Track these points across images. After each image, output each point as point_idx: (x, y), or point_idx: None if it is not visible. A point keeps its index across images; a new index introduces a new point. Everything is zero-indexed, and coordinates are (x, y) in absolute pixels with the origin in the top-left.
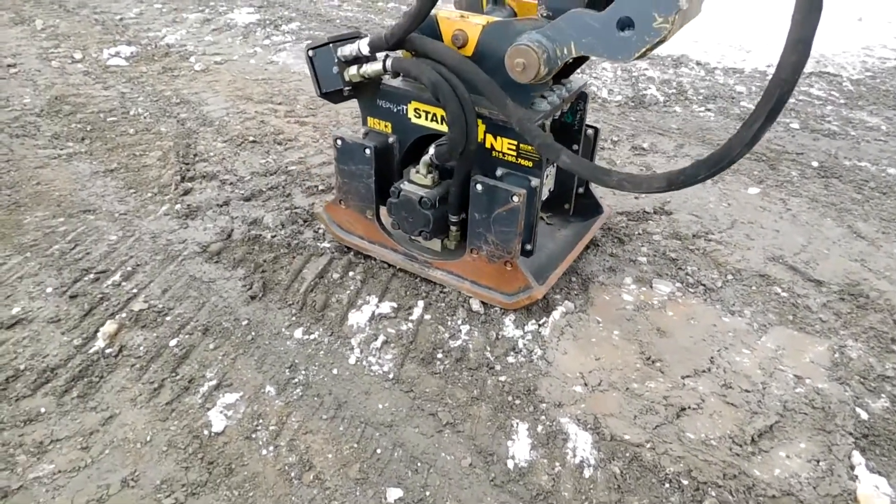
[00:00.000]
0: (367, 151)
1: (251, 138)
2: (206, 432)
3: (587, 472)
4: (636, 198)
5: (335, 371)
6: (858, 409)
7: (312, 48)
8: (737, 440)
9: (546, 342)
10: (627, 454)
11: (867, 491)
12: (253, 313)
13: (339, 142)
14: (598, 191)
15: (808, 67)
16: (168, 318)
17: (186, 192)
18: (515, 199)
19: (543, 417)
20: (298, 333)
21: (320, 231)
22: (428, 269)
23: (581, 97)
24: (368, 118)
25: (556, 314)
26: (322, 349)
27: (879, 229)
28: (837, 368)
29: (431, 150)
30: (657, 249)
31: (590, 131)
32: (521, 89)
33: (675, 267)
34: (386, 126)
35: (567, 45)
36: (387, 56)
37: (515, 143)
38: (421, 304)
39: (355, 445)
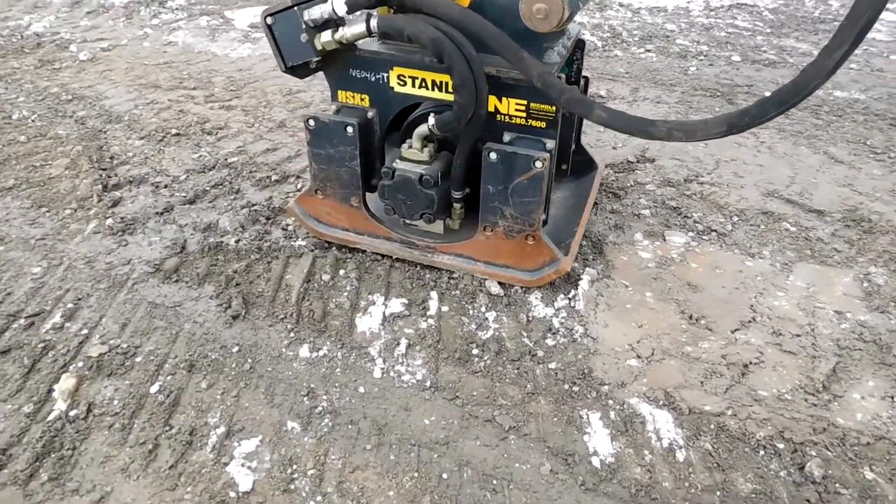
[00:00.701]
0: (350, 129)
1: (173, 131)
2: (231, 494)
3: (680, 455)
4: (614, 148)
5: (361, 389)
6: None
7: (271, 14)
8: (808, 390)
9: (583, 317)
10: (712, 426)
11: None
12: (241, 336)
13: (311, 122)
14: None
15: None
16: (138, 360)
17: (115, 203)
18: (538, 164)
19: (611, 402)
20: (304, 351)
21: (290, 228)
22: (432, 255)
23: (578, 45)
24: (339, 92)
25: (583, 284)
26: (337, 366)
27: (850, 152)
28: (871, 297)
29: (431, 119)
30: (655, 199)
31: (580, 82)
32: (533, 41)
33: (679, 216)
34: (363, 99)
35: None
36: (370, 15)
37: (525, 102)
38: (434, 295)
39: (416, 474)
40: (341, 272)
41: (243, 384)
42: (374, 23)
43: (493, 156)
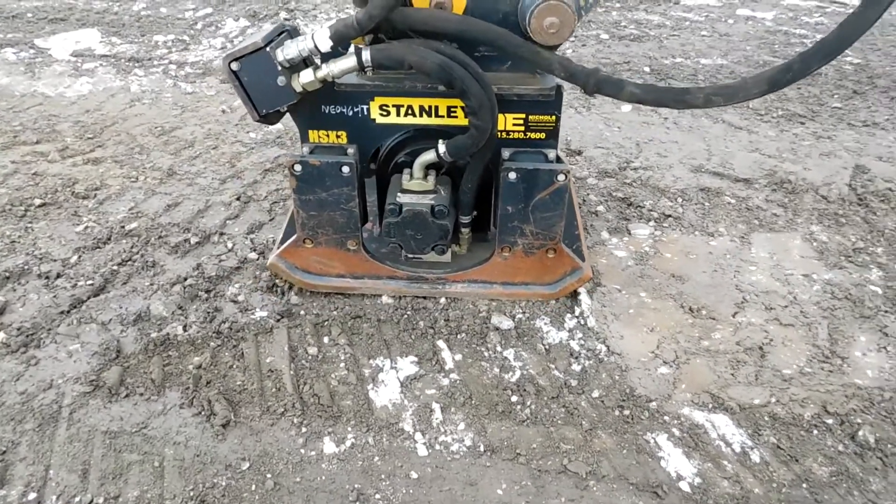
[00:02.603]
0: (346, 170)
1: (36, 201)
2: None
3: (754, 456)
4: None
5: (413, 474)
6: (872, 287)
7: (236, 58)
8: (820, 358)
9: (598, 333)
10: (766, 418)
11: None
12: (242, 447)
13: (298, 168)
14: None
15: None
16: None
17: (1, 311)
18: (561, 177)
19: (667, 418)
20: (328, 447)
21: (241, 298)
22: (444, 286)
23: None
24: (310, 132)
25: (584, 298)
26: (374, 454)
27: (741, 117)
28: (825, 256)
29: (441, 147)
30: (602, 193)
31: None
32: None
33: (632, 206)
34: (339, 136)
35: None
36: (359, 48)
37: (523, 116)
38: (441, 344)
39: None
40: (326, 339)
41: None
42: (367, 55)
43: (512, 175)
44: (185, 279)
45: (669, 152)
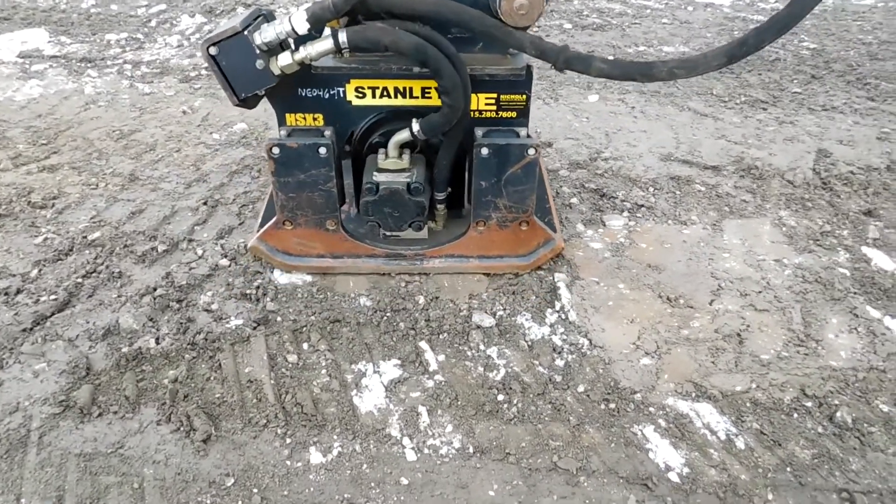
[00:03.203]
0: (323, 151)
1: None
2: None
3: (740, 443)
4: None
5: (404, 480)
6: (840, 270)
7: (214, 43)
8: (795, 342)
9: (580, 327)
10: (748, 404)
11: None
12: (225, 462)
13: (276, 150)
14: None
15: None
16: None
17: None
18: (531, 152)
19: (652, 409)
20: (315, 457)
21: (214, 307)
22: (423, 262)
23: None
24: (287, 115)
25: (563, 292)
26: (363, 462)
27: (705, 104)
28: (794, 241)
29: (415, 125)
30: (575, 185)
31: None
32: None
33: (605, 198)
34: (316, 119)
35: None
36: (335, 29)
37: (494, 96)
38: (424, 345)
39: None
40: (306, 346)
41: None
42: (343, 37)
43: (484, 151)
44: (155, 289)
45: (638, 141)
